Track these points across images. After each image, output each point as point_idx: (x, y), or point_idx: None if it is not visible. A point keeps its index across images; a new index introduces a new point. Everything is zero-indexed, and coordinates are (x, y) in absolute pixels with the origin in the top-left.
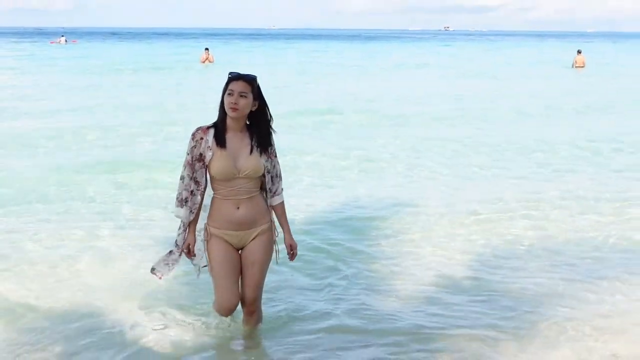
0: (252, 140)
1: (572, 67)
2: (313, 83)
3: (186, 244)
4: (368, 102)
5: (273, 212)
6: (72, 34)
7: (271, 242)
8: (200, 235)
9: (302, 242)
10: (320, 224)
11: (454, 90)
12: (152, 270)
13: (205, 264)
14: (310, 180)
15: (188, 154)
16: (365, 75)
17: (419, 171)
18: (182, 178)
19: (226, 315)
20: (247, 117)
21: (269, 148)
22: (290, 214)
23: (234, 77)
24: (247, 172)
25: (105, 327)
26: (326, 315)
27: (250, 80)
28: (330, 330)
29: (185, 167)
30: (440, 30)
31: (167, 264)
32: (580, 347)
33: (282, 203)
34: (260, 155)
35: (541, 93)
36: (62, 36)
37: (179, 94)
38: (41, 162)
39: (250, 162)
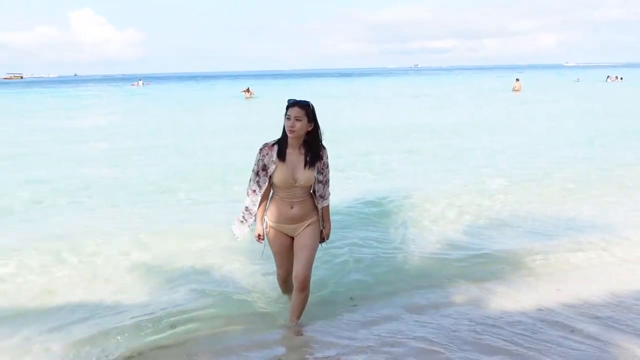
0: (307, 156)
1: (512, 90)
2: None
3: (256, 233)
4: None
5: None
6: (145, 78)
7: (317, 231)
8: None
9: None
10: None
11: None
12: (235, 235)
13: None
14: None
15: (255, 165)
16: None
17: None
18: (250, 180)
19: (283, 284)
20: (305, 135)
21: (319, 162)
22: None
23: (290, 104)
24: (301, 182)
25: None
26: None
27: (304, 106)
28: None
29: (253, 172)
30: (411, 67)
31: (242, 221)
32: (545, 289)
33: (327, 207)
34: (313, 169)
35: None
36: (140, 80)
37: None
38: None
39: (305, 175)
